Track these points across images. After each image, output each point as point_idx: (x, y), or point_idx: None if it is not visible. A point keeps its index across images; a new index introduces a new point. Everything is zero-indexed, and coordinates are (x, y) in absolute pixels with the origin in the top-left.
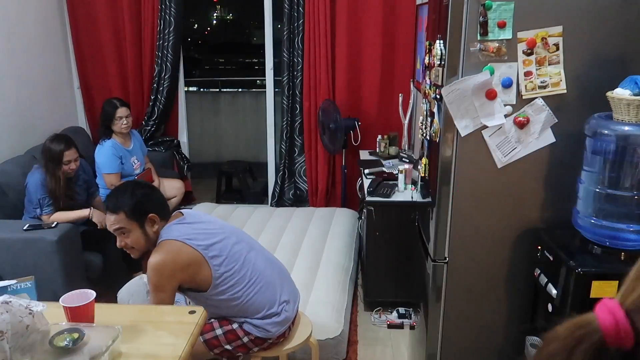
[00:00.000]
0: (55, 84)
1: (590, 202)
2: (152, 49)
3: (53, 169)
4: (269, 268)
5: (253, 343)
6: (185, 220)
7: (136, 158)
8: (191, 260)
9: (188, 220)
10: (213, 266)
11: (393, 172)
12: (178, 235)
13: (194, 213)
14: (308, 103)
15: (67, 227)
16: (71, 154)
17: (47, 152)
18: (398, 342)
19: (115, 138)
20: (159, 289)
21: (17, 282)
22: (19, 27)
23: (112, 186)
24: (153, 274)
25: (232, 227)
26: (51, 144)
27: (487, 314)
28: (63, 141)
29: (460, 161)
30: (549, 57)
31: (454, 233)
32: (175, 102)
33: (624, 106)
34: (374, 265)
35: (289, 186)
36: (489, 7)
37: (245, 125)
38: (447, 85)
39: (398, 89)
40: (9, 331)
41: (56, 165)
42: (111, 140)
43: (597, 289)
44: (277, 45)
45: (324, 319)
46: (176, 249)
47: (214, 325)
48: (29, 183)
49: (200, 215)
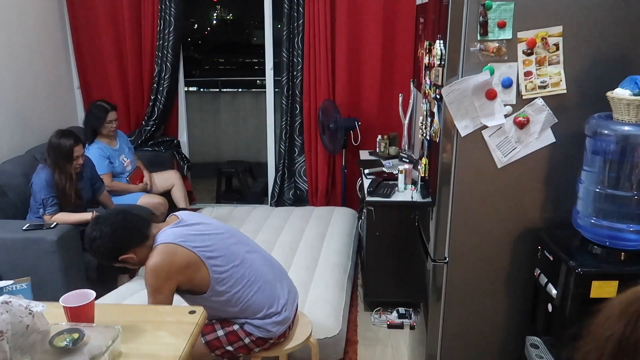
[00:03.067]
0: (55, 84)
1: (590, 202)
2: (152, 49)
3: (64, 164)
4: (267, 267)
5: (254, 344)
6: (181, 223)
7: (125, 156)
8: (188, 261)
9: (183, 223)
10: (211, 267)
11: (393, 172)
12: (174, 239)
13: (190, 215)
14: (308, 103)
15: (66, 227)
16: (79, 149)
17: (56, 148)
18: (398, 342)
19: (100, 140)
20: (157, 291)
21: (14, 283)
22: (19, 28)
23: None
24: (150, 277)
25: (229, 227)
26: (60, 139)
27: (487, 314)
28: (72, 136)
29: (460, 161)
30: (549, 57)
31: (454, 233)
32: (175, 102)
33: (624, 106)
34: (374, 265)
35: (289, 186)
36: (489, 7)
37: (245, 125)
38: (447, 85)
39: (398, 89)
40: (9, 331)
41: (67, 161)
42: (96, 142)
43: (597, 289)
44: (277, 45)
45: (322, 318)
46: (172, 251)
47: (215, 327)
48: (34, 183)
49: (195, 217)
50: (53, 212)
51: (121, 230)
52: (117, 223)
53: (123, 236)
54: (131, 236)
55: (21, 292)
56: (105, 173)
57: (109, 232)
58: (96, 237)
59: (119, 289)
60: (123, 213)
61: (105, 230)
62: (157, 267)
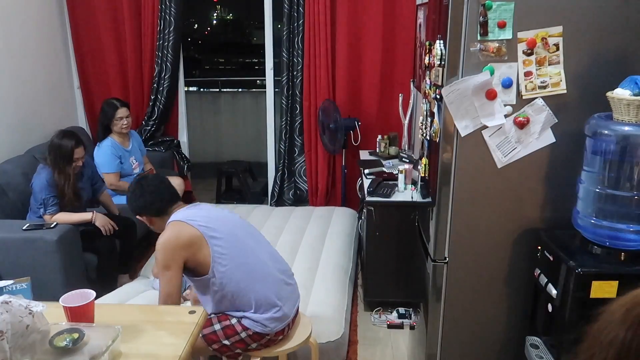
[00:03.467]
0: (55, 84)
1: (590, 202)
2: (152, 49)
3: (63, 166)
4: (272, 262)
5: (251, 338)
6: (194, 206)
7: (135, 158)
8: (192, 237)
9: (197, 207)
10: (212, 246)
11: (393, 172)
12: (182, 217)
13: (205, 205)
14: (308, 103)
15: (66, 227)
16: (80, 152)
17: (57, 149)
18: (398, 342)
19: (114, 138)
20: (166, 267)
21: (14, 283)
22: (19, 27)
23: (111, 185)
24: (159, 253)
25: (241, 220)
26: (61, 140)
27: (487, 314)
28: (73, 138)
29: (460, 161)
30: (549, 57)
31: (454, 233)
32: (175, 102)
33: (624, 106)
34: (374, 265)
35: (289, 186)
36: (489, 7)
37: (245, 125)
38: (447, 85)
39: (398, 89)
40: (9, 331)
41: (67, 163)
42: (110, 139)
43: (597, 289)
44: (277, 45)
45: (325, 322)
46: (178, 227)
47: (212, 321)
48: (34, 183)
49: (209, 207)
50: (53, 212)
51: (147, 196)
52: (150, 187)
53: (146, 202)
54: (152, 205)
55: (21, 292)
56: (114, 172)
57: (139, 192)
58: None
59: (119, 289)
60: (160, 184)
61: (137, 191)
62: (165, 242)
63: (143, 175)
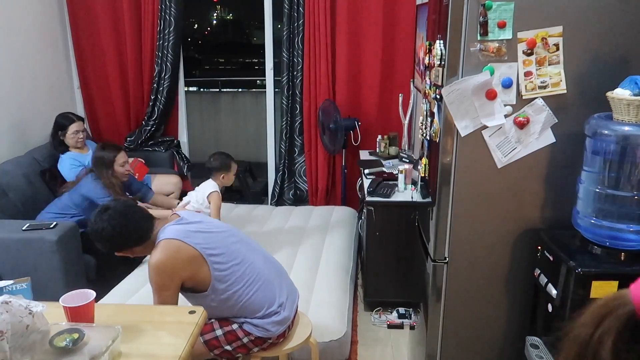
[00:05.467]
0: (55, 84)
1: (590, 202)
2: (152, 49)
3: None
4: (267, 267)
5: (253, 343)
6: (182, 221)
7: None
8: (191, 258)
9: (185, 220)
10: (212, 264)
11: (393, 172)
12: (176, 235)
13: (191, 214)
14: (308, 103)
15: (66, 227)
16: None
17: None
18: (398, 342)
19: (71, 151)
20: (163, 288)
21: (14, 283)
22: (19, 27)
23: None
24: (155, 274)
25: (229, 227)
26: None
27: (487, 314)
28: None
29: (460, 161)
30: (549, 57)
31: (454, 233)
32: (175, 102)
33: (624, 106)
34: (374, 265)
35: (289, 186)
36: (489, 7)
37: (245, 125)
38: (447, 85)
39: (398, 89)
40: (9, 331)
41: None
42: (68, 152)
43: (597, 289)
44: (277, 45)
45: (327, 321)
46: (175, 247)
47: (214, 326)
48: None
49: (197, 216)
50: None
51: (121, 231)
52: (118, 226)
53: (122, 238)
54: (129, 239)
55: (21, 292)
56: None
57: (110, 231)
58: (98, 230)
59: (119, 286)
60: (126, 214)
61: (107, 229)
62: (161, 263)
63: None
